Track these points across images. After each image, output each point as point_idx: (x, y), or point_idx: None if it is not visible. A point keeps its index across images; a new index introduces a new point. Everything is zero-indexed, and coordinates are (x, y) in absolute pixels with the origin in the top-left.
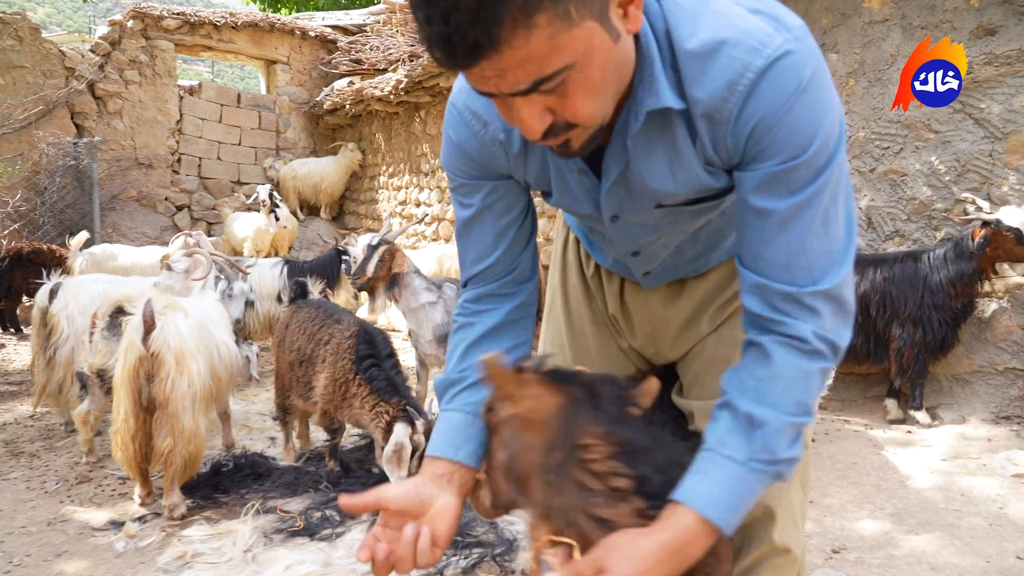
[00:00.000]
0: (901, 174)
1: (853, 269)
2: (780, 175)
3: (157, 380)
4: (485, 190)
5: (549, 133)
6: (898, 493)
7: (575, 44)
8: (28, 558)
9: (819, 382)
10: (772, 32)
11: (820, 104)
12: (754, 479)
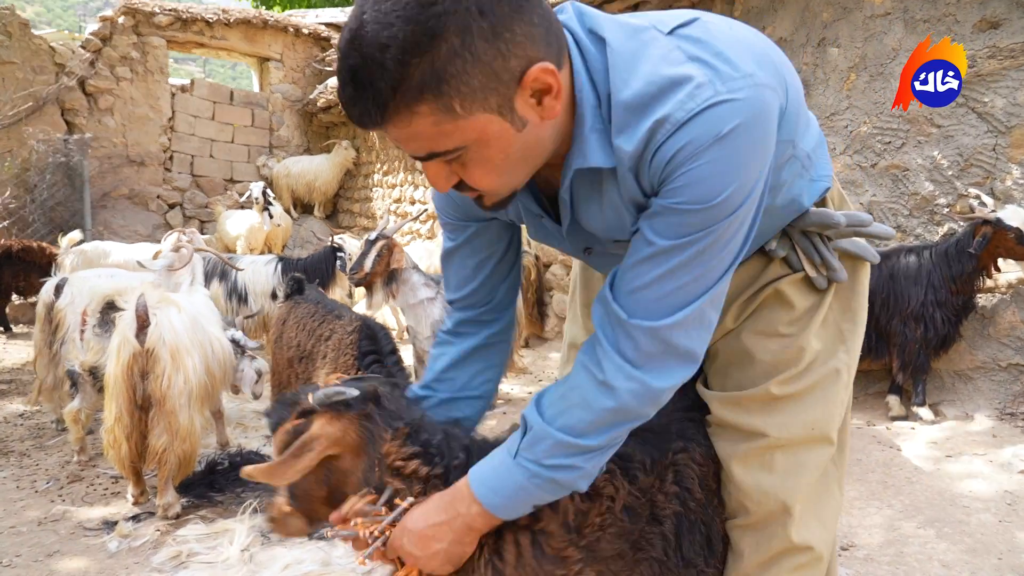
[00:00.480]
0: (903, 169)
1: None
2: (672, 213)
3: (152, 377)
4: (470, 230)
5: (459, 187)
6: (904, 490)
7: (464, 132)
8: (18, 558)
9: (606, 417)
10: (704, 83)
11: (735, 163)
12: (521, 473)
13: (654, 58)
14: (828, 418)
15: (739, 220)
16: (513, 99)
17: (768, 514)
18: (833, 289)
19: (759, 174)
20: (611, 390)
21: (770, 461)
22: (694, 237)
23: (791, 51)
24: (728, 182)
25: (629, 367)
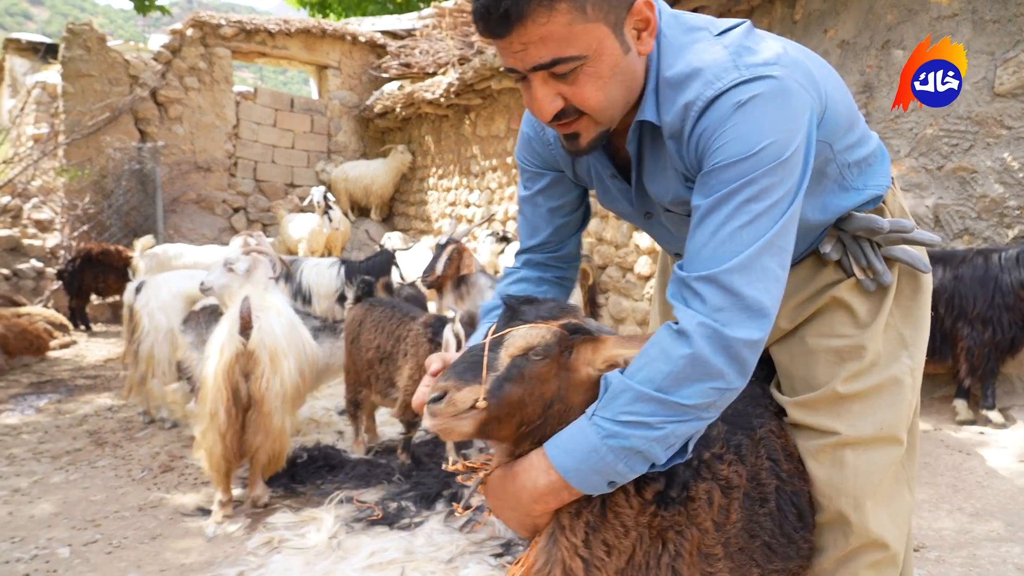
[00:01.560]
0: (971, 171)
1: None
2: (709, 175)
3: (253, 378)
4: (545, 180)
5: (561, 116)
6: (976, 494)
7: (588, 39)
8: (126, 540)
9: (684, 368)
10: (730, 68)
11: (759, 124)
12: (595, 433)
13: (698, 50)
14: (897, 419)
15: (776, 173)
16: (624, 22)
17: (839, 511)
18: (892, 296)
19: (790, 139)
20: (686, 336)
21: (840, 458)
22: (731, 189)
23: (854, 53)
24: (757, 139)
25: (701, 316)
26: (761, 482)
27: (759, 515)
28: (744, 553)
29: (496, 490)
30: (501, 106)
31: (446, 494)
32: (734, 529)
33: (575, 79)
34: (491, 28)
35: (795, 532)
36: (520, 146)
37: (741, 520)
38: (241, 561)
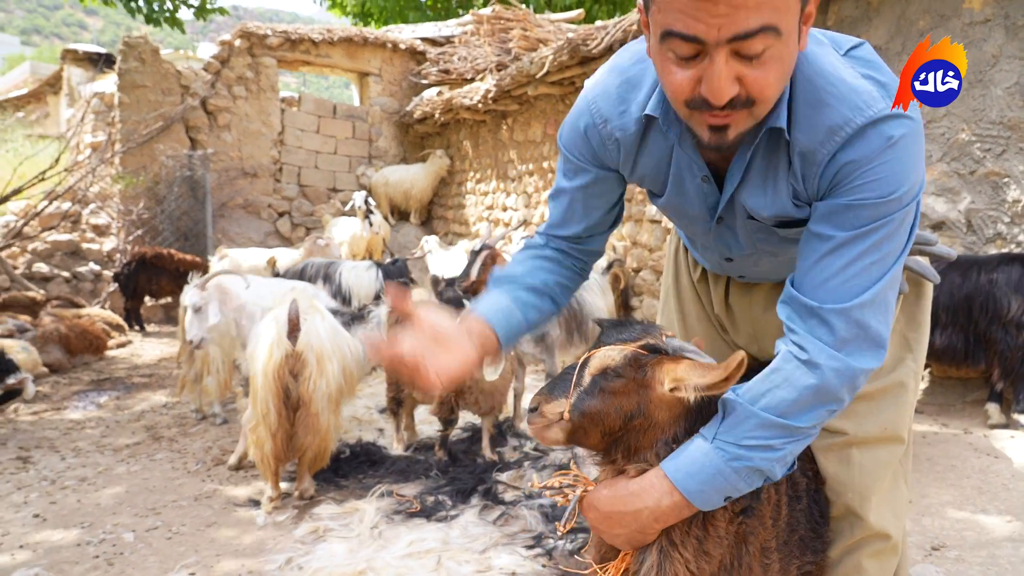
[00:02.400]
0: (1003, 176)
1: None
2: (849, 209)
3: (301, 379)
4: (589, 176)
5: (731, 104)
6: (1000, 496)
7: (790, 15)
8: (184, 527)
9: (808, 397)
10: (877, 97)
11: (904, 166)
12: (720, 457)
13: (835, 65)
14: (899, 419)
15: (908, 214)
16: (802, 10)
17: (847, 505)
18: (900, 303)
19: (922, 177)
20: (815, 367)
21: (848, 456)
22: (871, 227)
23: (887, 59)
24: (901, 181)
25: (831, 349)
26: (795, 481)
27: (796, 511)
28: (788, 546)
29: (605, 508)
30: (537, 111)
31: (480, 489)
32: (783, 524)
33: (762, 61)
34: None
35: (820, 526)
36: (571, 136)
37: (787, 517)
38: (290, 548)
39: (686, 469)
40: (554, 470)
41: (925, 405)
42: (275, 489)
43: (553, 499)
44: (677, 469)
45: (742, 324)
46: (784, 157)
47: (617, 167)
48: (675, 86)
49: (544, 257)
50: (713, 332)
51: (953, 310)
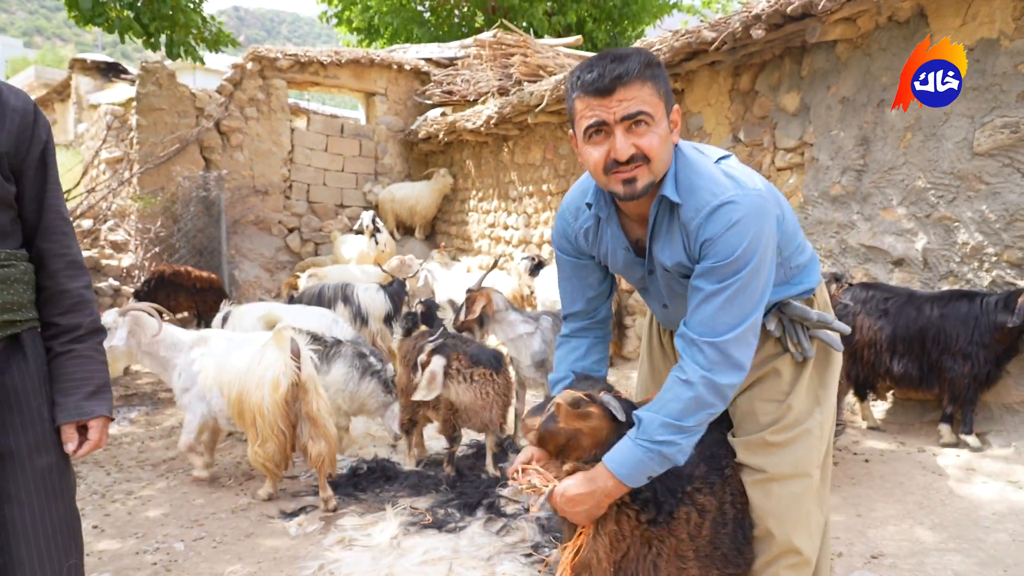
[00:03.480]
0: (954, 220)
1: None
2: (711, 269)
3: (305, 401)
4: (576, 262)
5: (630, 160)
6: (937, 510)
7: (658, 109)
8: (226, 537)
9: (690, 405)
10: (729, 187)
11: (743, 236)
12: (640, 450)
13: (706, 169)
14: (808, 460)
15: (754, 273)
16: (669, 112)
17: (767, 527)
18: (811, 367)
19: (763, 246)
20: (692, 385)
21: (768, 489)
22: (726, 283)
23: (853, 109)
24: (738, 250)
25: (701, 370)
26: (724, 510)
27: (721, 533)
28: (708, 559)
29: (570, 493)
30: (537, 137)
31: (485, 503)
32: (703, 541)
33: (645, 132)
34: (598, 87)
35: (743, 546)
36: (557, 239)
37: (709, 535)
38: (320, 556)
39: (619, 460)
40: None
41: (887, 424)
42: (275, 487)
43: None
44: (612, 460)
45: None
46: (677, 223)
47: (590, 252)
48: (595, 161)
49: (572, 348)
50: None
51: (909, 341)
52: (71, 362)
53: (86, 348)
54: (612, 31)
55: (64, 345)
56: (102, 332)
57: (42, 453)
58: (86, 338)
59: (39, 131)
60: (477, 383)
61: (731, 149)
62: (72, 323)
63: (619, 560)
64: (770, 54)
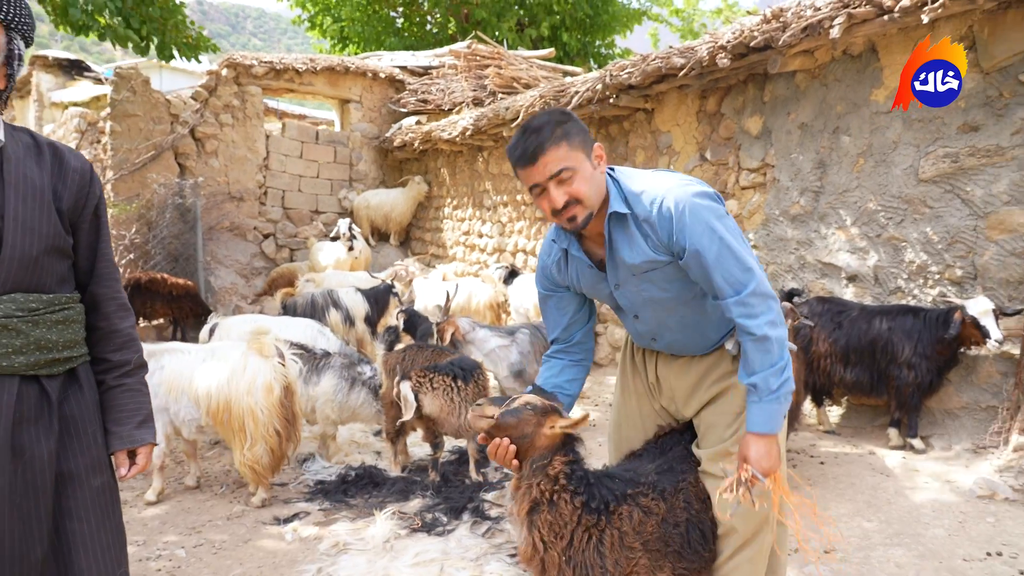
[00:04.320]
0: (902, 240)
1: (765, 275)
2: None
3: (293, 401)
4: (556, 294)
5: (565, 206)
6: (883, 508)
7: (576, 159)
8: (225, 543)
9: (776, 347)
10: (672, 184)
11: (698, 208)
12: (769, 404)
13: (643, 177)
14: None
15: (723, 218)
16: (590, 154)
17: (731, 526)
18: None
19: (715, 207)
20: (765, 336)
21: None
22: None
23: (811, 135)
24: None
25: (762, 320)
26: (676, 513)
27: (672, 533)
28: (659, 552)
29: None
30: None
31: (470, 507)
32: (651, 536)
33: (571, 181)
34: (525, 160)
35: (700, 547)
36: (539, 277)
37: (657, 532)
38: (318, 559)
39: (761, 421)
40: None
41: (841, 428)
42: (268, 491)
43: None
44: (756, 425)
45: (665, 389)
46: (633, 226)
47: (564, 283)
48: (545, 210)
49: (550, 366)
50: (646, 398)
51: (860, 351)
52: (123, 395)
53: (135, 382)
54: (583, 39)
55: (116, 379)
56: (146, 367)
57: (97, 474)
58: (134, 372)
59: (94, 188)
60: (439, 391)
61: (698, 167)
62: (123, 359)
63: (565, 548)
64: (735, 79)
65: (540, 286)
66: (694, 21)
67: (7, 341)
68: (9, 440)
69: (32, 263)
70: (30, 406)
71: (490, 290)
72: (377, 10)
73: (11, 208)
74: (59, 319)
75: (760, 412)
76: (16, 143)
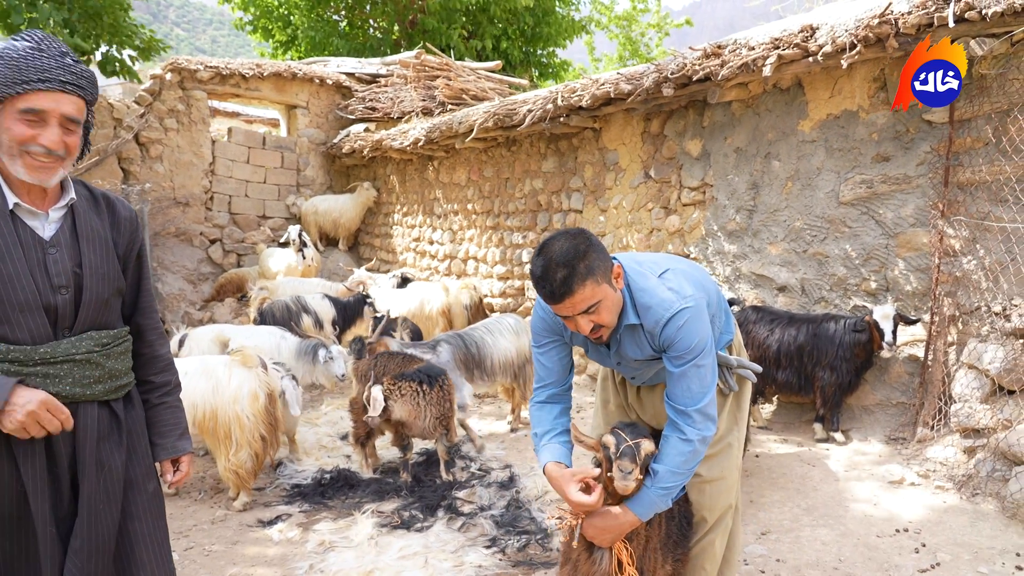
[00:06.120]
0: (825, 256)
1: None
2: (677, 356)
3: (276, 408)
4: (551, 343)
5: (592, 331)
6: (811, 495)
7: (601, 292)
8: (214, 547)
9: (691, 457)
10: (674, 300)
11: (692, 333)
12: (656, 494)
13: (653, 288)
14: (730, 467)
15: (706, 352)
16: (610, 277)
17: (702, 515)
18: (731, 397)
19: (705, 333)
20: (691, 442)
21: (702, 488)
22: (690, 363)
23: (746, 159)
24: (691, 341)
25: (694, 429)
26: (672, 511)
27: (671, 525)
28: (665, 546)
29: (599, 525)
30: (462, 159)
31: (443, 504)
32: (663, 532)
33: (598, 312)
34: (555, 300)
35: (685, 531)
36: (536, 323)
37: (666, 528)
38: (307, 557)
39: (641, 503)
40: (497, 487)
41: (773, 424)
42: (250, 496)
43: (559, 527)
44: (635, 504)
45: (648, 408)
46: (641, 333)
47: (564, 338)
48: (571, 328)
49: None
50: (625, 415)
51: (790, 355)
52: (165, 411)
53: (174, 400)
54: (525, 47)
55: (159, 398)
56: (180, 386)
57: (150, 480)
58: (173, 392)
59: (139, 233)
60: (407, 397)
61: (643, 184)
62: (164, 380)
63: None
64: (677, 105)
65: (541, 337)
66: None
67: (89, 373)
68: (96, 455)
69: (104, 305)
70: (105, 426)
71: (443, 297)
72: (321, 13)
73: (87, 258)
74: (122, 351)
75: (646, 497)
76: (80, 198)
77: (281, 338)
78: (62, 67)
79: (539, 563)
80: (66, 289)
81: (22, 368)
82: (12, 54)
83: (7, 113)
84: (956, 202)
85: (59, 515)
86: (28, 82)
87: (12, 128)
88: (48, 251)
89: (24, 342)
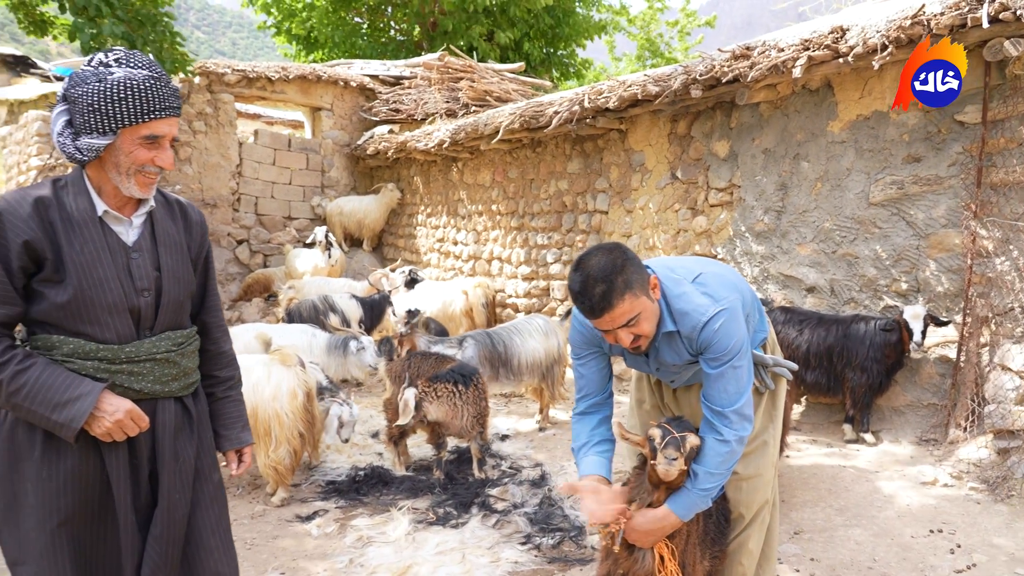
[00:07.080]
0: (855, 256)
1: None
2: (713, 359)
3: (314, 406)
4: (590, 354)
5: (632, 342)
6: (843, 495)
7: (640, 305)
8: (256, 540)
9: (728, 457)
10: (708, 304)
11: (728, 336)
12: (695, 496)
13: (688, 294)
14: (766, 464)
15: (741, 354)
16: (648, 289)
17: (739, 511)
18: (767, 395)
19: (741, 334)
20: (728, 443)
21: (739, 485)
22: (727, 364)
23: (774, 160)
24: (728, 343)
25: (731, 430)
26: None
27: (709, 522)
28: (703, 543)
29: (643, 528)
30: (487, 160)
31: (477, 501)
32: (701, 528)
33: (637, 324)
34: (594, 315)
35: (723, 527)
36: (574, 336)
37: (703, 525)
38: (346, 551)
39: (680, 503)
40: (529, 484)
41: (802, 424)
42: (288, 491)
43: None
44: (676, 505)
45: (684, 408)
46: (679, 340)
47: (603, 348)
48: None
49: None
50: (660, 415)
51: (819, 356)
52: (229, 404)
53: (237, 394)
54: (546, 48)
55: (224, 392)
56: (241, 381)
57: (214, 471)
58: (236, 386)
59: (207, 237)
60: (443, 398)
61: (669, 186)
62: (228, 375)
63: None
64: (704, 106)
65: (580, 350)
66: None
67: (167, 371)
68: (172, 448)
69: (179, 306)
70: (180, 420)
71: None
72: (343, 15)
73: (165, 262)
74: (193, 349)
75: (686, 499)
76: (156, 203)
77: (312, 335)
78: (174, 94)
79: (574, 560)
80: (148, 292)
81: (110, 366)
82: (139, 85)
83: (127, 138)
84: (989, 203)
85: (138, 505)
86: (152, 111)
87: (134, 152)
88: (132, 255)
89: (111, 342)
